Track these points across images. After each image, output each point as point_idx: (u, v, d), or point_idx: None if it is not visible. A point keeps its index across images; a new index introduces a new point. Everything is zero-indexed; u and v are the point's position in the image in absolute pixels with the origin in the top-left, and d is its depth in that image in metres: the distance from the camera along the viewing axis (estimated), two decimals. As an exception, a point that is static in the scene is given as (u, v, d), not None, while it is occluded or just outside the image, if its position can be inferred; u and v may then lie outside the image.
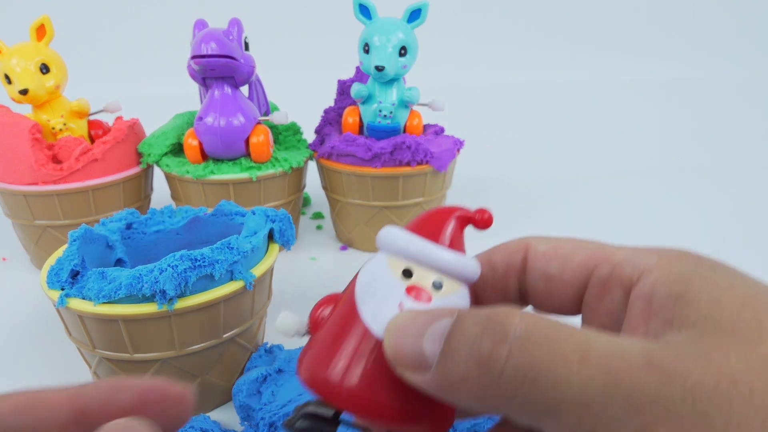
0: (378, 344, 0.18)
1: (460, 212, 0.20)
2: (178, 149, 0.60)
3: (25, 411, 0.17)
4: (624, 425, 0.13)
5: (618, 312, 0.18)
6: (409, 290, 0.18)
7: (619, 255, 0.19)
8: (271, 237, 0.40)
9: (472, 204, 0.21)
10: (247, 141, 0.55)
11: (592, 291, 0.19)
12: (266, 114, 0.60)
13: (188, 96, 0.75)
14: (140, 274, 0.31)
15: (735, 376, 0.13)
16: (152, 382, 0.18)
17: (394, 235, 0.20)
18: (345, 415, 0.19)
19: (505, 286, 0.21)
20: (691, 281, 0.16)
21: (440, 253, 0.19)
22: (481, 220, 0.20)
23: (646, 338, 0.15)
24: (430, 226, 0.20)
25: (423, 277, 0.19)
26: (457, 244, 0.20)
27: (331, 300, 0.20)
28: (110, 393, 0.18)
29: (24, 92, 0.52)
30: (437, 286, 0.19)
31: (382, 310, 0.18)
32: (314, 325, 0.20)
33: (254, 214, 0.40)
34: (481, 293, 0.22)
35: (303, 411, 0.19)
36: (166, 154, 0.58)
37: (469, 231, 0.21)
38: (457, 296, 0.19)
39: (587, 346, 0.14)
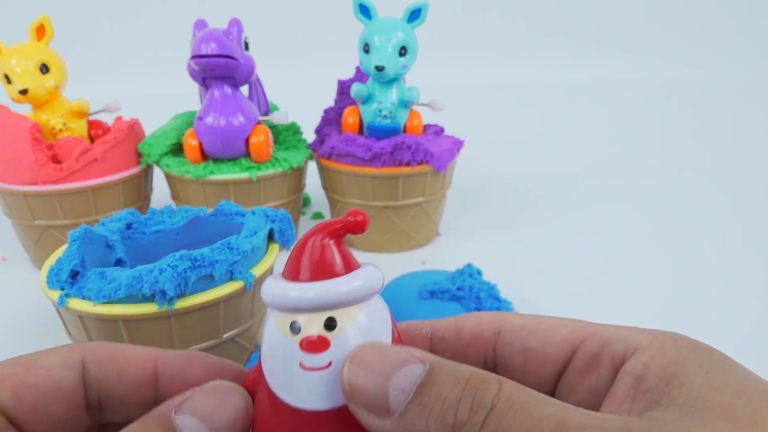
0: (310, 417, 0.16)
1: (329, 228, 0.18)
2: (178, 149, 0.60)
3: (109, 363, 0.18)
4: None
5: (601, 389, 0.17)
6: (302, 345, 0.16)
7: (610, 331, 0.18)
8: (271, 237, 0.40)
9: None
10: (247, 141, 0.55)
11: (576, 366, 0.18)
12: (266, 114, 0.60)
13: (188, 96, 0.75)
14: (140, 274, 0.31)
15: None
16: (226, 363, 0.19)
17: (271, 287, 0.18)
18: None
19: (466, 355, 0.20)
20: (685, 365, 0.15)
21: (320, 291, 0.17)
22: (354, 224, 0.18)
23: (628, 415, 0.15)
24: (305, 260, 0.18)
25: (311, 325, 0.17)
26: (338, 266, 0.18)
27: (256, 370, 0.19)
28: (186, 363, 0.19)
29: (24, 92, 0.52)
30: (330, 327, 0.17)
31: (287, 379, 0.16)
32: (251, 389, 0.18)
33: (254, 214, 0.40)
34: (441, 356, 0.21)
35: None
36: (166, 154, 0.58)
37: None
38: (358, 326, 0.17)
39: (564, 417, 0.13)
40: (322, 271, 0.17)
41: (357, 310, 0.17)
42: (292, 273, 0.18)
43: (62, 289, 0.33)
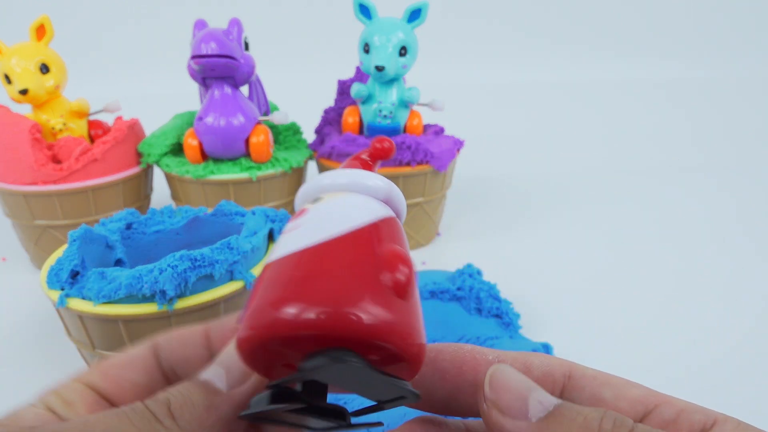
0: (308, 252, 0.15)
1: (363, 154, 0.20)
2: (178, 149, 0.60)
3: (174, 336, 0.21)
4: None
5: None
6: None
7: (681, 403, 0.19)
8: (271, 237, 0.40)
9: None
10: (247, 141, 0.55)
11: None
12: (266, 114, 0.60)
13: (188, 96, 0.75)
14: (140, 274, 0.31)
15: None
16: None
17: (303, 187, 0.19)
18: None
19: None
20: None
21: (324, 177, 0.18)
22: (382, 150, 0.19)
23: None
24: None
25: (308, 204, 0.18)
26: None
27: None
28: (226, 320, 0.21)
29: (24, 92, 0.52)
30: (316, 202, 0.17)
31: (294, 231, 0.16)
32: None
33: (254, 214, 0.40)
34: None
35: (270, 385, 0.16)
36: (166, 154, 0.58)
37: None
38: (338, 198, 0.17)
39: None
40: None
41: (347, 193, 0.18)
42: None
43: (62, 289, 0.33)
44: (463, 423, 0.22)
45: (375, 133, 0.58)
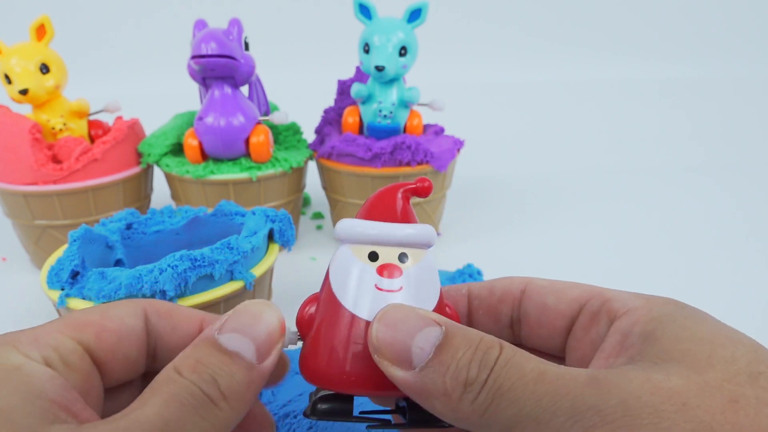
0: (368, 327, 0.19)
1: (402, 188, 0.22)
2: (178, 149, 0.60)
3: (166, 316, 0.20)
4: (567, 430, 0.15)
5: (600, 342, 0.20)
6: (380, 270, 0.20)
7: (611, 293, 0.21)
8: (271, 237, 0.40)
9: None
10: (247, 141, 0.55)
11: (582, 322, 0.21)
12: (266, 114, 0.60)
13: (188, 96, 0.75)
14: (140, 274, 0.31)
15: (671, 391, 0.14)
16: None
17: (352, 225, 0.21)
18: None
19: (498, 311, 0.23)
20: (663, 322, 0.17)
21: (398, 230, 0.21)
22: (422, 189, 0.21)
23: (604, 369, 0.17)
24: (380, 208, 0.21)
25: (388, 255, 0.20)
26: (408, 216, 0.21)
27: (313, 300, 0.21)
28: None
29: (24, 92, 0.52)
30: (403, 260, 0.20)
31: (362, 296, 0.19)
32: (303, 327, 0.21)
33: (254, 214, 0.40)
34: (475, 313, 0.24)
35: (318, 395, 0.21)
36: (166, 154, 0.58)
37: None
38: (423, 263, 0.21)
39: (544, 369, 0.16)
40: (402, 217, 0.21)
41: (422, 252, 0.21)
42: (371, 216, 0.21)
43: (62, 289, 0.33)
44: None
45: (375, 133, 0.58)
